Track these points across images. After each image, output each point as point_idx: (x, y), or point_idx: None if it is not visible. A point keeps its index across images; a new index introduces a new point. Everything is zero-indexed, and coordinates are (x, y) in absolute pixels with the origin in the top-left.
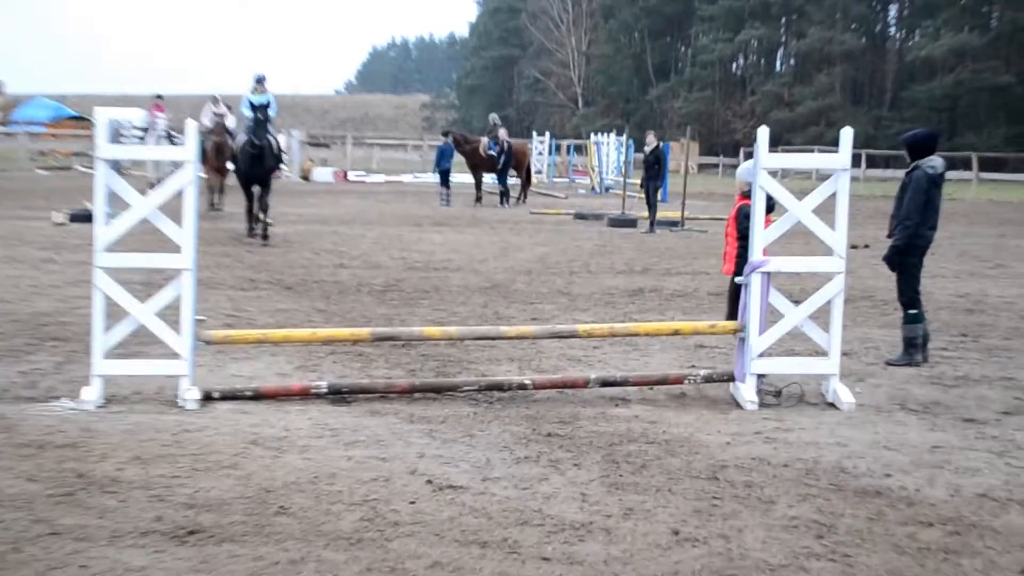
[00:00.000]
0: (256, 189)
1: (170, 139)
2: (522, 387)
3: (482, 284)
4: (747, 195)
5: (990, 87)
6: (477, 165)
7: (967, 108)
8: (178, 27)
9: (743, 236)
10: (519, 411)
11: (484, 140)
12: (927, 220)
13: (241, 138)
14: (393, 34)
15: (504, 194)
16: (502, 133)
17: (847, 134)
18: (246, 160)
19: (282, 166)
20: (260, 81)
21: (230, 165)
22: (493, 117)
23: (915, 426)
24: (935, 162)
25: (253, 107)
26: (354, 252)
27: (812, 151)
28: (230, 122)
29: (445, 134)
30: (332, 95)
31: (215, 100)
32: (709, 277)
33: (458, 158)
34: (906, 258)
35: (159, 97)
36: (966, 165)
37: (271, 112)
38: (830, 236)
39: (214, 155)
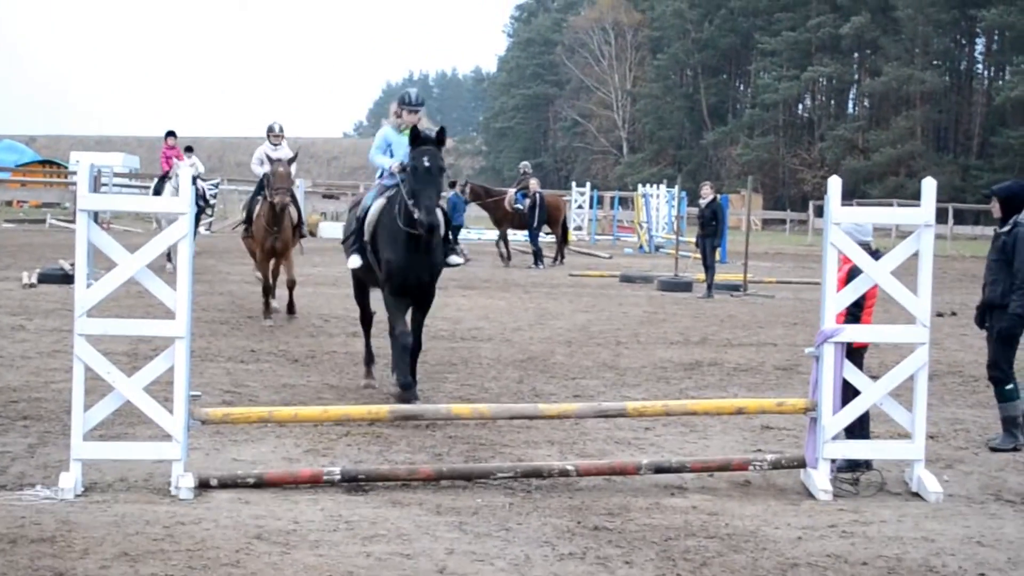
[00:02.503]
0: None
1: (202, 196)
2: (564, 474)
3: (516, 356)
4: None
5: None
6: (501, 220)
7: None
8: (163, 65)
9: (855, 303)
10: (561, 501)
11: (511, 192)
12: None
13: (372, 202)
14: (410, 68)
15: (537, 254)
16: (533, 183)
17: (929, 185)
18: (400, 251)
19: (456, 258)
20: (414, 104)
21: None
22: (524, 165)
23: (1012, 519)
24: None
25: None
26: None
27: (891, 204)
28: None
29: (452, 185)
30: (340, 139)
31: (273, 133)
32: (776, 349)
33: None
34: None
35: (171, 135)
36: None
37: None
38: (912, 302)
39: (269, 224)
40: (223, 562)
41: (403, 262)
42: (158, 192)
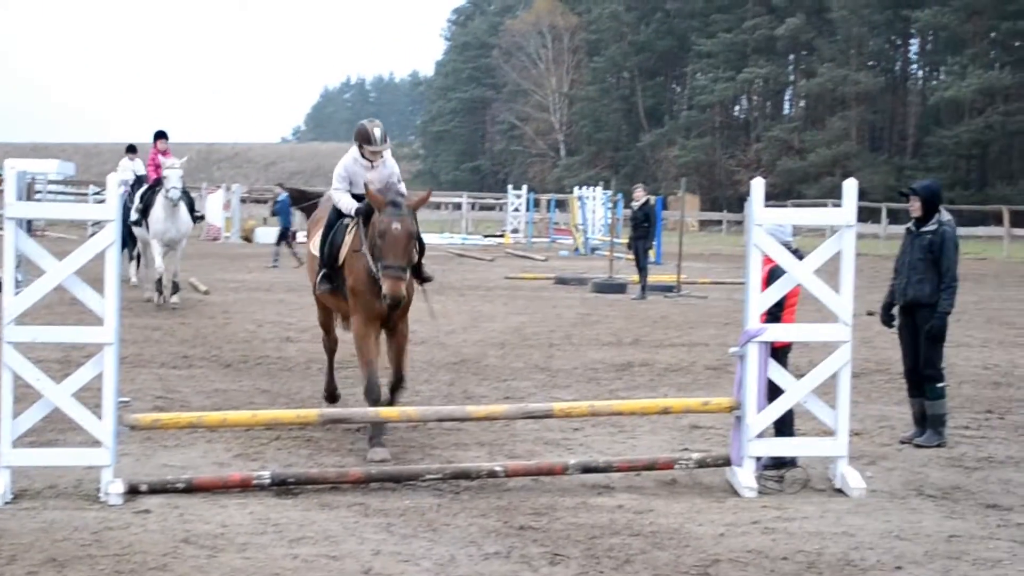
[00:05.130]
0: None
1: (189, 200)
2: (492, 475)
3: (449, 359)
4: None
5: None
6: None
7: (998, 155)
8: (96, 72)
9: (776, 303)
10: (489, 502)
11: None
12: None
13: None
14: (348, 73)
15: None
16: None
17: (850, 187)
18: None
19: None
20: None
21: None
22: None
23: (931, 513)
24: (947, 217)
25: None
26: (302, 324)
27: (826, 205)
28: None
29: (280, 186)
30: (278, 144)
31: (371, 146)
32: (708, 349)
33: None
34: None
35: (161, 136)
36: (997, 220)
37: None
38: (834, 301)
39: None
40: (150, 566)
41: None
42: (148, 206)
